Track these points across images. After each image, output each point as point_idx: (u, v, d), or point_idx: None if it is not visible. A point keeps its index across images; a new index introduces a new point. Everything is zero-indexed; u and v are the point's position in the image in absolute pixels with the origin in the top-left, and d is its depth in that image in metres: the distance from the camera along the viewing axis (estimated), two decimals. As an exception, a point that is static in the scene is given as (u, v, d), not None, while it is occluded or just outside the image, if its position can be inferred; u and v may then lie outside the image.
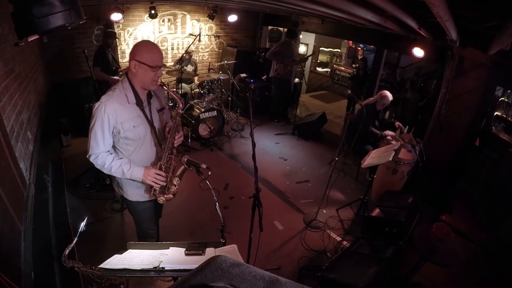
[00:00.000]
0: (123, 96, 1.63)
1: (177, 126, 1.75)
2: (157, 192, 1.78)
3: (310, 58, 8.26)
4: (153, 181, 1.71)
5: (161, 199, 1.81)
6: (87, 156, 1.65)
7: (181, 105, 1.75)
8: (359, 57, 6.37)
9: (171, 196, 1.83)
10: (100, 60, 4.12)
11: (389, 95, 3.57)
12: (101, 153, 1.64)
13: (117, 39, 4.76)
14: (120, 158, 1.70)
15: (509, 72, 2.95)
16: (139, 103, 1.67)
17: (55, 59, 4.50)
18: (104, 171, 1.68)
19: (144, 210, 1.96)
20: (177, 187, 1.82)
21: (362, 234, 2.70)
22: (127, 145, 1.71)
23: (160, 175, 1.72)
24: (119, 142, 1.69)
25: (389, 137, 3.49)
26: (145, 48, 1.59)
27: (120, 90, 1.63)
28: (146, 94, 1.73)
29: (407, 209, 2.57)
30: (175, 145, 1.78)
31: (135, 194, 1.87)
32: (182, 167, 1.78)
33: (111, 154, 1.68)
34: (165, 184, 1.77)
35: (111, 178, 1.87)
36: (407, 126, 5.67)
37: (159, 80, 1.67)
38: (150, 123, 1.75)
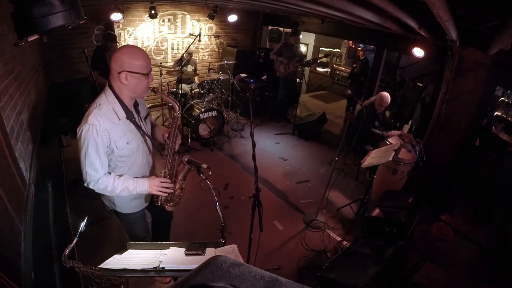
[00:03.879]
0: (112, 113, 1.49)
1: (175, 131, 1.69)
2: (163, 200, 1.75)
3: (325, 59, 8.22)
4: (160, 191, 1.65)
5: (169, 207, 1.77)
6: (85, 184, 1.52)
7: (177, 108, 1.64)
8: (361, 58, 6.35)
9: (177, 201, 1.80)
10: (98, 62, 4.04)
11: (386, 96, 3.55)
12: (101, 177, 1.52)
13: (116, 40, 4.73)
14: (119, 176, 1.59)
15: (509, 72, 2.95)
16: (129, 116, 1.56)
17: (55, 59, 4.50)
18: (107, 194, 1.59)
19: (138, 219, 1.91)
20: (183, 190, 1.79)
21: (362, 234, 2.70)
22: (121, 162, 1.62)
23: (166, 182, 1.67)
24: (111, 160, 1.59)
25: (391, 138, 3.46)
26: (133, 55, 1.45)
27: (106, 106, 1.49)
28: (133, 104, 1.62)
29: (407, 209, 2.57)
30: (176, 149, 1.73)
31: (129, 206, 1.81)
32: (185, 168, 1.73)
33: (109, 174, 1.57)
34: (172, 191, 1.72)
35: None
36: (404, 125, 5.70)
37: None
38: (142, 134, 1.67)
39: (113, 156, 1.57)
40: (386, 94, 3.57)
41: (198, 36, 4.94)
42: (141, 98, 1.69)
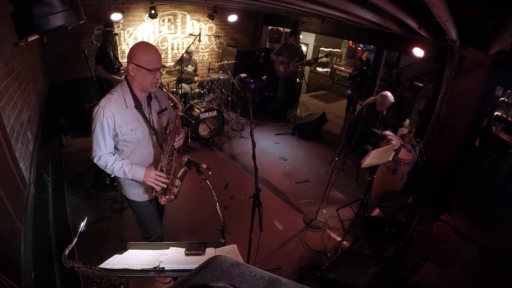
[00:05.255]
0: (122, 100, 1.63)
1: (177, 128, 1.75)
2: (159, 193, 1.80)
3: (325, 59, 8.25)
4: (154, 182, 1.72)
5: (163, 200, 1.82)
6: (91, 157, 1.68)
7: (180, 107, 1.73)
8: (364, 58, 6.34)
9: (172, 197, 1.83)
10: (102, 58, 4.15)
11: (389, 96, 3.55)
12: (104, 155, 1.67)
13: (116, 36, 4.73)
14: (122, 159, 1.72)
15: (509, 72, 2.95)
16: (138, 106, 1.68)
17: (55, 59, 4.50)
18: (107, 171, 1.72)
19: (144, 208, 1.98)
20: (178, 188, 1.83)
21: (362, 234, 2.70)
22: (126, 147, 1.74)
23: (161, 176, 1.73)
24: (118, 143, 1.73)
25: (389, 137, 3.48)
26: (142, 50, 1.57)
27: (118, 93, 1.63)
28: (145, 96, 1.73)
29: (407, 209, 2.57)
30: (176, 147, 1.78)
31: (133, 193, 1.90)
32: (183, 169, 1.79)
33: (113, 155, 1.71)
34: (166, 186, 1.77)
35: (112, 182, 1.90)
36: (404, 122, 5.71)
37: (158, 82, 1.66)
38: (150, 125, 1.75)
39: (119, 140, 1.70)
40: (389, 94, 3.57)
41: (198, 36, 4.94)
42: (150, 91, 1.74)
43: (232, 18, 5.62)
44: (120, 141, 1.70)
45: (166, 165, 1.76)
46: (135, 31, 5.24)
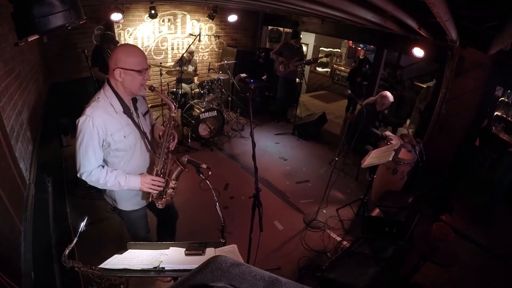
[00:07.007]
0: (109, 106, 1.52)
1: (170, 130, 1.69)
2: (155, 197, 1.75)
3: (325, 59, 8.25)
4: (151, 188, 1.67)
5: (160, 204, 1.77)
6: (78, 175, 1.54)
7: (173, 108, 1.66)
8: (361, 57, 6.36)
9: (169, 199, 1.80)
10: (98, 59, 4.10)
11: (389, 95, 3.56)
12: (94, 169, 1.54)
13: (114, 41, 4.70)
14: (113, 170, 1.61)
15: (509, 72, 2.95)
16: (126, 111, 1.59)
17: (55, 59, 4.50)
18: (99, 187, 1.59)
19: (139, 218, 1.91)
20: (174, 189, 1.79)
21: (362, 234, 2.70)
22: (116, 157, 1.63)
23: (156, 180, 1.68)
24: (109, 155, 1.61)
25: (390, 137, 3.48)
26: (128, 53, 1.48)
27: (104, 99, 1.52)
28: (130, 99, 1.64)
29: (407, 209, 2.57)
30: (170, 149, 1.72)
31: (129, 203, 1.82)
32: (178, 168, 1.74)
33: (103, 167, 1.58)
34: (162, 189, 1.73)
35: (101, 190, 1.76)
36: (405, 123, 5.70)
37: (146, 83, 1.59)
38: (140, 129, 1.67)
39: (110, 150, 1.58)
40: (388, 94, 3.57)
41: (198, 36, 4.95)
42: (139, 95, 1.67)
43: (232, 18, 5.63)
44: (112, 151, 1.58)
45: (162, 168, 1.71)
46: (135, 31, 5.25)
